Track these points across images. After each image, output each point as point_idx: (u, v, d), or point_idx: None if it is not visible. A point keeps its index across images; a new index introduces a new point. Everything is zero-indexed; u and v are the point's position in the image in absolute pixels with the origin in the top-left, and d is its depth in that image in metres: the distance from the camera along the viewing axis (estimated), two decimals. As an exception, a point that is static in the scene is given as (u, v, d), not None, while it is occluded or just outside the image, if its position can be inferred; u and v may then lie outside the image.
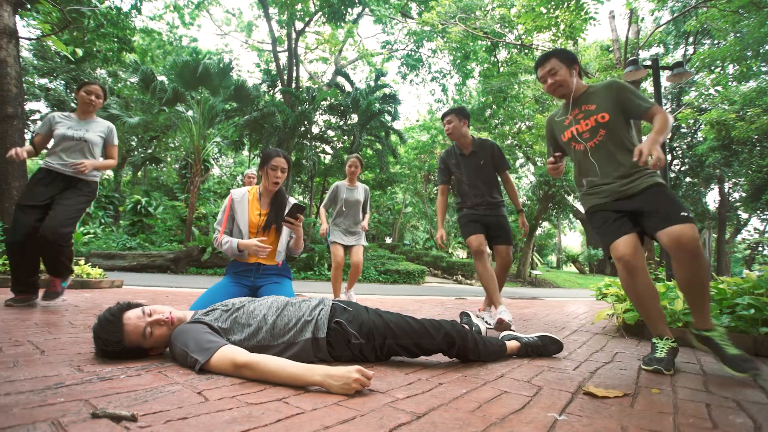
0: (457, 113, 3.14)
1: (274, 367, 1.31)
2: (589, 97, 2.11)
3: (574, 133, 2.12)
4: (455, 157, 3.25)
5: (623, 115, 2.02)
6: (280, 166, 2.57)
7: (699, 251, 1.72)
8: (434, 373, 1.61)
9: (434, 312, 4.04)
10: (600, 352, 2.27)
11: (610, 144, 2.01)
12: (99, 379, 1.24)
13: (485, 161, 3.15)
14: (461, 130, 3.14)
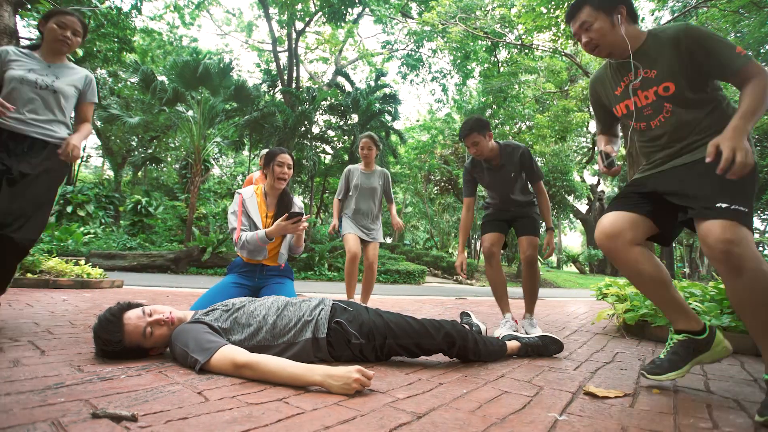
0: (480, 129, 2.60)
1: (275, 367, 1.31)
2: (646, 57, 1.52)
3: (631, 109, 1.60)
4: (482, 170, 2.84)
5: (699, 76, 1.46)
6: (287, 162, 2.55)
7: (735, 261, 1.24)
8: (434, 373, 1.61)
9: (434, 312, 4.03)
10: (600, 352, 2.27)
11: (680, 114, 1.50)
12: (99, 379, 1.24)
13: (516, 173, 2.74)
14: (488, 146, 2.64)
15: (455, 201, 24.31)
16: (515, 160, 2.71)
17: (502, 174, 2.76)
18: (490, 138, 2.66)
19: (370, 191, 3.67)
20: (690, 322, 1.49)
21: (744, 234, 1.25)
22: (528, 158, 2.74)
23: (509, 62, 12.32)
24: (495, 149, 2.71)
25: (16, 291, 3.73)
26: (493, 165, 2.77)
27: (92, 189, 16.24)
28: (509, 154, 2.72)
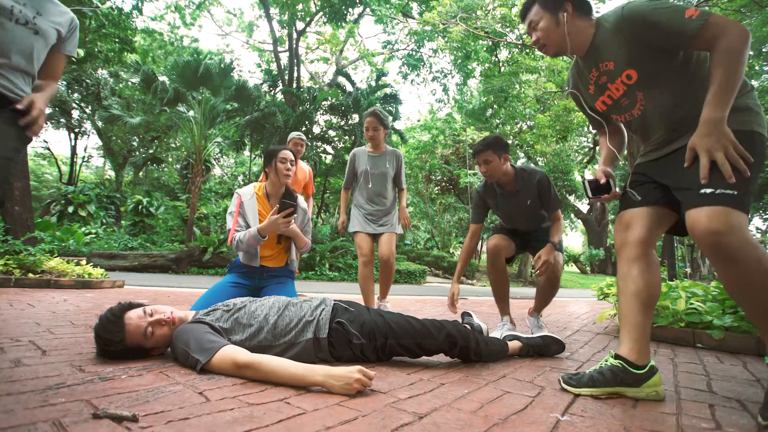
0: (495, 148, 2.40)
1: (276, 367, 1.30)
2: (599, 50, 1.46)
3: (608, 104, 1.54)
4: (495, 195, 2.61)
5: (660, 53, 1.34)
6: (289, 158, 2.43)
7: (726, 252, 1.15)
8: (436, 374, 1.60)
9: (436, 312, 4.03)
10: (602, 353, 2.26)
11: (656, 98, 1.40)
12: (100, 379, 1.24)
13: (532, 200, 2.50)
14: (502, 169, 2.44)
15: (456, 201, 24.30)
16: (532, 186, 2.48)
17: (516, 201, 2.53)
18: (505, 161, 2.45)
19: (379, 177, 3.24)
20: (637, 355, 1.38)
21: (734, 220, 1.14)
22: (546, 185, 2.50)
23: (510, 62, 12.30)
24: (510, 174, 2.49)
25: (18, 291, 3.74)
26: (507, 191, 2.54)
27: (93, 189, 16.27)
28: (526, 180, 2.50)
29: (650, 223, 1.45)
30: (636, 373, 1.36)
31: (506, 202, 2.58)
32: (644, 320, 1.41)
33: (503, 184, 2.54)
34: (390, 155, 3.32)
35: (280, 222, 2.22)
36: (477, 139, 22.36)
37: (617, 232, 1.51)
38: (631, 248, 1.45)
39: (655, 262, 1.46)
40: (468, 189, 20.64)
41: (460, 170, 20.55)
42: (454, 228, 25.14)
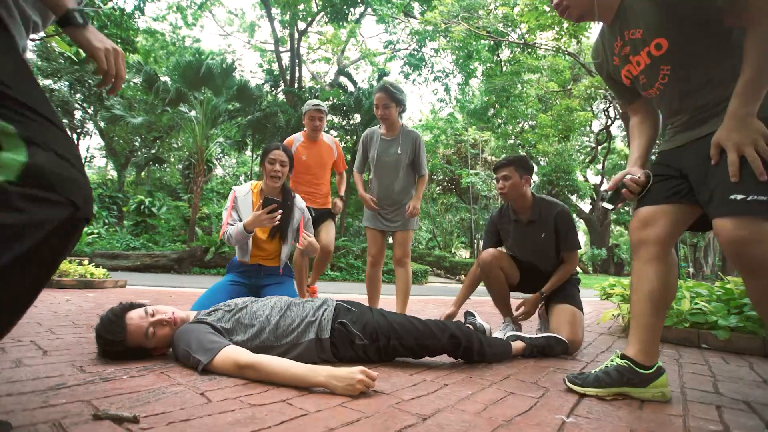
0: (518, 165, 2.25)
1: (278, 368, 1.29)
2: (626, 15, 1.31)
3: (629, 77, 1.42)
4: (508, 222, 2.41)
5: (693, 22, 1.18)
6: (279, 159, 2.41)
7: (751, 262, 1.09)
8: (439, 374, 1.59)
9: (438, 312, 4.01)
10: (607, 353, 2.25)
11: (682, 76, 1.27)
12: (101, 380, 1.23)
13: (547, 234, 2.27)
14: (520, 190, 2.26)
15: (458, 201, 24.28)
16: (550, 219, 2.26)
17: (529, 232, 2.32)
18: (526, 183, 2.27)
19: (391, 164, 2.84)
20: (645, 356, 1.35)
21: (764, 230, 1.06)
22: (566, 219, 2.26)
23: (512, 61, 12.29)
24: (528, 199, 2.30)
25: (20, 291, 3.74)
26: (521, 218, 2.35)
27: (96, 189, 16.30)
28: (543, 211, 2.28)
29: (671, 221, 1.35)
30: (643, 373, 1.34)
31: (519, 232, 2.37)
32: (656, 322, 1.37)
33: (518, 210, 2.35)
34: (405, 138, 2.85)
35: (263, 218, 2.19)
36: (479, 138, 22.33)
37: (634, 229, 1.43)
38: (649, 247, 1.38)
39: (674, 262, 1.39)
40: (470, 189, 20.62)
41: (462, 170, 20.53)
42: (456, 228, 25.11)
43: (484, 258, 2.38)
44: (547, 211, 2.28)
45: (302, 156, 3.24)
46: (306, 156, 3.26)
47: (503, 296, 2.48)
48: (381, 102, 2.77)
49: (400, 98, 2.80)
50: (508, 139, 19.55)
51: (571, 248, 2.28)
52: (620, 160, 25.87)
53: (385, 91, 2.76)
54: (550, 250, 2.31)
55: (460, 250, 25.50)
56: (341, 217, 3.30)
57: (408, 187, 2.92)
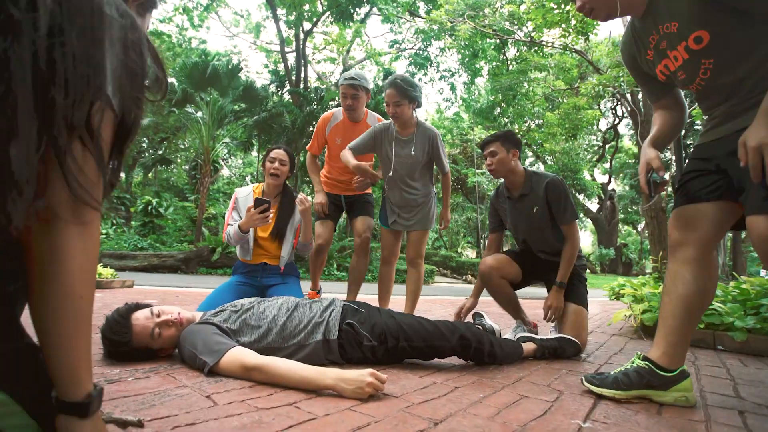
0: (504, 140, 2.17)
1: (285, 370, 1.27)
2: (660, 8, 1.23)
3: (666, 73, 1.32)
4: (504, 200, 2.34)
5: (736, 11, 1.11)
6: (279, 158, 2.44)
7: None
8: (449, 377, 1.55)
9: (445, 312, 3.97)
10: (619, 354, 2.20)
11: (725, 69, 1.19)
12: (106, 382, 1.21)
13: (539, 208, 2.16)
14: (509, 165, 2.17)
15: (464, 200, 24.18)
16: (540, 190, 2.15)
17: (521, 207, 2.23)
18: (514, 156, 2.18)
19: (409, 165, 2.63)
20: (670, 359, 1.30)
21: None
22: (558, 189, 2.13)
23: (518, 60, 12.20)
24: (519, 174, 2.21)
25: (28, 291, 3.75)
26: (513, 194, 2.26)
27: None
28: (534, 184, 2.18)
29: (714, 221, 1.26)
30: (664, 375, 1.30)
31: (513, 209, 2.28)
32: (687, 326, 1.31)
33: (510, 186, 2.27)
34: (421, 137, 2.62)
35: (255, 218, 2.23)
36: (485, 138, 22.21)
37: (674, 228, 1.34)
38: (689, 249, 1.29)
39: (714, 265, 1.31)
40: (476, 188, 20.51)
41: (468, 169, 20.43)
42: (462, 228, 25.01)
43: (482, 270, 2.29)
44: (538, 184, 2.18)
45: (336, 139, 2.84)
46: (341, 139, 2.81)
47: (509, 301, 2.40)
48: (391, 99, 2.50)
49: (413, 95, 2.52)
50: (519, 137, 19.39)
51: (568, 220, 2.13)
52: (628, 158, 25.62)
53: (396, 87, 2.48)
54: (546, 227, 2.19)
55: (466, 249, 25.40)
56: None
57: (426, 185, 2.75)
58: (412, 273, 2.83)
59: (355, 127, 2.84)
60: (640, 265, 26.22)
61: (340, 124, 2.86)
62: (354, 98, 2.74)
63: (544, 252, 2.28)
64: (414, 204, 2.73)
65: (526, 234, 2.30)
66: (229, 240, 2.38)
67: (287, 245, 2.49)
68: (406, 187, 2.69)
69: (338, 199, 3.00)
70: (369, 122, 2.88)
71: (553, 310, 2.13)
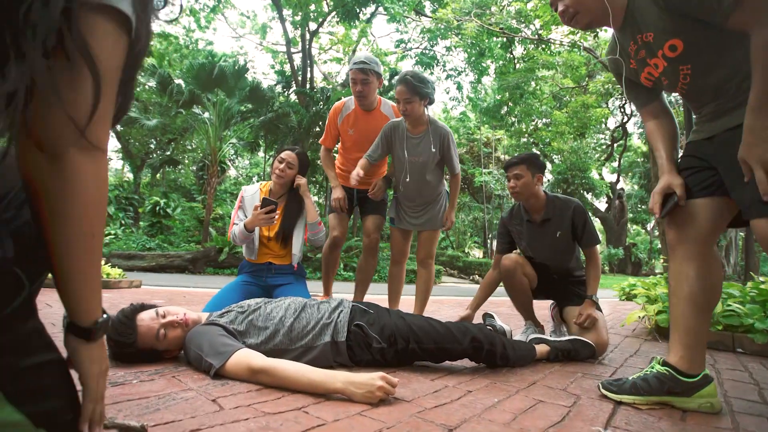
0: (529, 164, 2.15)
1: (293, 373, 1.23)
2: (635, 18, 1.26)
3: (651, 79, 1.34)
4: (521, 222, 2.31)
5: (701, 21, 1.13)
6: (287, 160, 2.40)
7: None
8: (461, 380, 1.51)
9: (453, 313, 3.92)
10: (635, 357, 2.13)
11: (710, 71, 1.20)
12: (110, 384, 1.18)
13: (562, 233, 2.18)
14: (532, 189, 2.16)
15: (471, 200, 24.06)
16: (565, 216, 2.17)
17: (543, 231, 2.22)
18: (538, 182, 2.18)
19: (420, 164, 2.55)
20: (689, 363, 1.25)
21: None
22: (582, 215, 2.17)
23: (525, 58, 12.09)
24: (540, 198, 2.20)
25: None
26: (534, 218, 2.25)
27: (113, 191, 16.58)
28: (558, 208, 2.18)
29: (711, 215, 1.25)
30: (686, 381, 1.24)
31: (532, 233, 2.27)
32: (699, 326, 1.27)
33: (530, 209, 2.25)
34: (432, 136, 2.52)
35: (261, 218, 2.21)
36: (491, 137, 22.09)
37: (670, 227, 1.32)
38: (689, 245, 1.28)
39: (717, 261, 1.29)
40: (483, 188, 20.41)
41: (475, 169, 20.33)
42: (469, 227, 24.89)
43: (507, 265, 2.25)
44: (563, 209, 2.20)
45: (348, 129, 2.72)
46: (354, 130, 2.71)
47: (525, 301, 2.37)
48: (402, 96, 2.39)
49: (424, 91, 2.41)
50: (522, 137, 19.29)
51: (592, 243, 2.20)
52: (637, 157, 25.33)
53: (406, 83, 2.37)
54: (566, 250, 2.24)
55: (473, 249, 25.26)
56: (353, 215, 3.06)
57: (437, 185, 2.67)
58: (422, 273, 2.77)
59: (368, 116, 2.72)
60: (650, 265, 25.90)
61: (351, 114, 2.72)
62: (364, 83, 2.57)
63: (558, 274, 2.32)
64: (425, 203, 2.67)
65: (544, 256, 2.29)
66: (234, 239, 2.35)
67: (298, 242, 2.44)
68: (417, 186, 2.61)
69: (351, 193, 2.90)
70: (383, 111, 2.76)
71: (588, 316, 2.07)
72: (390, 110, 2.77)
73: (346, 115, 2.74)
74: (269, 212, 2.22)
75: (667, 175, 1.32)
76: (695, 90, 1.25)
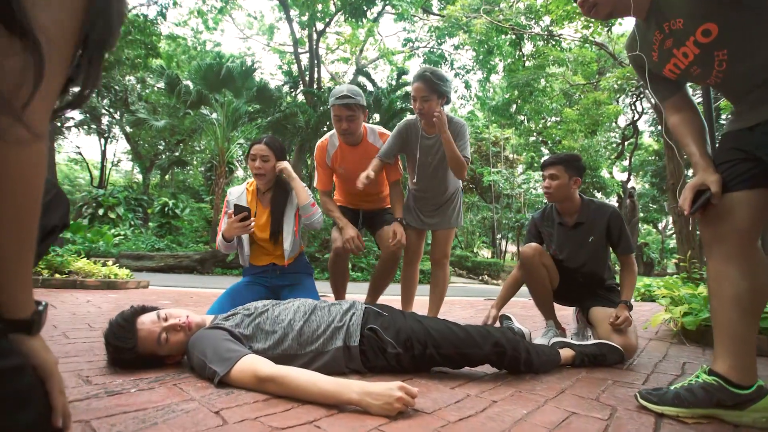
0: (568, 165, 2.06)
1: (304, 382, 1.13)
2: (662, 7, 1.18)
3: (676, 72, 1.25)
4: (551, 224, 2.24)
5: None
6: (260, 154, 2.15)
7: None
8: (483, 388, 1.40)
9: (465, 314, 3.80)
10: (665, 362, 2.00)
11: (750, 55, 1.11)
12: (106, 394, 1.09)
13: (595, 238, 2.10)
14: (567, 192, 2.08)
15: (479, 200, 23.86)
16: (601, 221, 2.08)
17: (575, 235, 2.14)
18: (575, 185, 2.09)
19: (435, 165, 2.44)
20: (740, 373, 1.13)
21: None
22: (618, 221, 2.08)
23: (535, 55, 11.91)
24: (575, 202, 2.13)
25: (44, 291, 3.72)
26: (566, 221, 2.18)
27: (122, 192, 16.68)
28: (593, 213, 2.10)
29: (752, 210, 1.14)
30: (739, 393, 1.11)
31: (563, 236, 2.19)
32: (747, 331, 1.15)
33: (563, 212, 2.18)
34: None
35: (235, 227, 2.00)
36: (500, 136, 21.87)
37: (706, 224, 1.22)
38: (728, 243, 1.17)
39: (761, 258, 1.17)
40: (491, 188, 20.20)
41: (483, 168, 20.14)
42: (478, 227, 24.68)
43: (526, 252, 2.19)
44: (597, 214, 2.12)
45: (338, 167, 2.52)
46: (343, 168, 2.51)
47: (545, 295, 2.27)
48: (419, 94, 2.23)
49: (443, 89, 2.25)
50: (531, 136, 19.05)
51: (629, 251, 2.12)
52: (648, 156, 24.92)
53: (424, 80, 2.21)
54: (599, 256, 2.15)
55: (482, 249, 25.05)
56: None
57: (452, 183, 2.56)
58: (437, 274, 2.65)
59: (355, 150, 2.49)
60: (662, 265, 25.47)
61: (338, 152, 2.50)
62: (350, 120, 2.34)
63: (586, 279, 2.22)
64: (439, 203, 2.57)
65: (576, 262, 2.19)
66: (219, 248, 2.19)
67: (288, 236, 2.23)
68: (431, 186, 2.51)
69: (356, 215, 2.68)
70: (370, 140, 2.52)
71: (625, 319, 1.94)
72: (377, 138, 2.53)
73: (333, 154, 2.51)
74: (243, 219, 2.02)
75: (702, 171, 1.22)
76: (732, 77, 1.15)
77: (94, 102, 18.99)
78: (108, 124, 21.86)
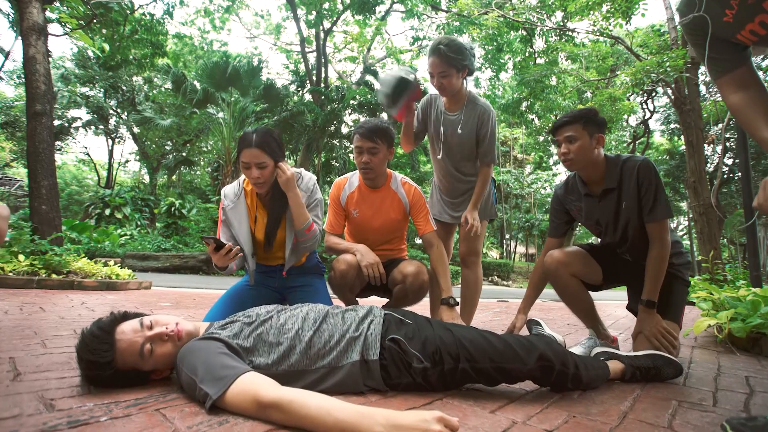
0: (585, 121, 1.68)
1: (316, 411, 0.89)
2: None
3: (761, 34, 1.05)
4: (579, 197, 1.87)
5: None
6: (254, 162, 1.72)
7: None
8: (529, 412, 1.16)
9: (482, 318, 3.55)
10: (724, 377, 1.75)
11: None
12: (68, 425, 0.87)
13: (628, 203, 1.71)
14: (590, 154, 1.70)
15: (487, 200, 23.54)
16: (630, 181, 1.68)
17: (608, 206, 1.77)
18: (598, 144, 1.71)
19: (458, 145, 2.22)
20: None
21: None
22: (648, 173, 1.66)
23: (547, 51, 11.61)
24: (600, 165, 1.74)
25: (38, 293, 3.54)
26: (593, 191, 1.81)
27: (129, 192, 16.66)
28: (624, 173, 1.70)
29: None
30: None
31: (592, 209, 1.83)
32: None
33: (588, 180, 1.80)
34: (470, 114, 2.18)
35: (216, 258, 1.67)
36: (509, 136, 21.55)
37: None
38: None
39: None
40: (500, 187, 19.87)
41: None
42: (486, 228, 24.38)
43: (548, 266, 1.90)
44: (626, 172, 1.70)
45: (352, 210, 2.20)
46: (357, 211, 2.18)
47: (582, 306, 1.99)
48: (435, 70, 2.05)
49: (461, 63, 2.05)
50: (540, 135, 18.70)
51: (659, 216, 1.65)
52: (659, 155, 24.41)
53: (439, 55, 2.02)
54: (635, 223, 1.73)
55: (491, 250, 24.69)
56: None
57: (477, 172, 2.30)
58: (467, 274, 2.40)
59: (374, 194, 2.16)
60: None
61: (355, 192, 2.19)
62: (372, 153, 2.01)
63: (631, 255, 1.86)
64: (463, 192, 2.34)
65: (615, 237, 1.83)
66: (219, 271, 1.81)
67: (289, 243, 1.92)
68: (455, 172, 2.29)
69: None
70: (393, 187, 2.17)
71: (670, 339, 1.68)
72: (399, 186, 2.18)
73: (349, 194, 2.21)
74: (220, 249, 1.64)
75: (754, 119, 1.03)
76: None
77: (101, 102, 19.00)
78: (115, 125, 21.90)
